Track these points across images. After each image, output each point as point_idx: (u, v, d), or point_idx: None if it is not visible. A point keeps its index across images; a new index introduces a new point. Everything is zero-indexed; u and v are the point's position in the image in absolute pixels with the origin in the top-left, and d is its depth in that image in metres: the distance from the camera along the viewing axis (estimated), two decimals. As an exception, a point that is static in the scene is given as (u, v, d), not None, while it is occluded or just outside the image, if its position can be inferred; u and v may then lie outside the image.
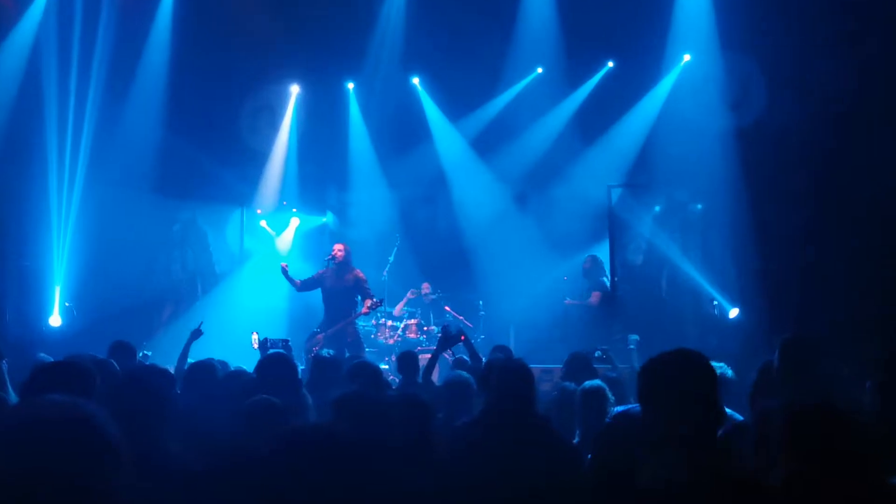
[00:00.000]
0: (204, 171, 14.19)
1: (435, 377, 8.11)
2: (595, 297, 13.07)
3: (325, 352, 7.25)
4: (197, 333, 8.26)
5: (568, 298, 13.53)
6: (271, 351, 7.87)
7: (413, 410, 4.40)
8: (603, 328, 12.68)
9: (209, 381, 5.89)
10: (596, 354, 10.06)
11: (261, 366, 5.59)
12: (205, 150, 14.06)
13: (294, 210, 15.78)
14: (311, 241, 15.75)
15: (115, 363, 6.22)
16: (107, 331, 11.70)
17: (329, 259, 11.76)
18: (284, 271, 11.69)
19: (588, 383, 5.92)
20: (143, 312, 13.74)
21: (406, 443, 4.18)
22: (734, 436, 4.27)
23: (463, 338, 8.02)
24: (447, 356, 13.16)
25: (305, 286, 11.84)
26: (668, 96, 14.11)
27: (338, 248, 11.80)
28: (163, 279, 14.56)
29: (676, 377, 3.04)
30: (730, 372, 6.03)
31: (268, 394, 4.63)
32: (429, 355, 12.94)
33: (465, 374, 6.51)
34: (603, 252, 13.75)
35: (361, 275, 11.75)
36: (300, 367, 6.98)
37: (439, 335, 8.25)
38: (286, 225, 15.82)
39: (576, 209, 14.25)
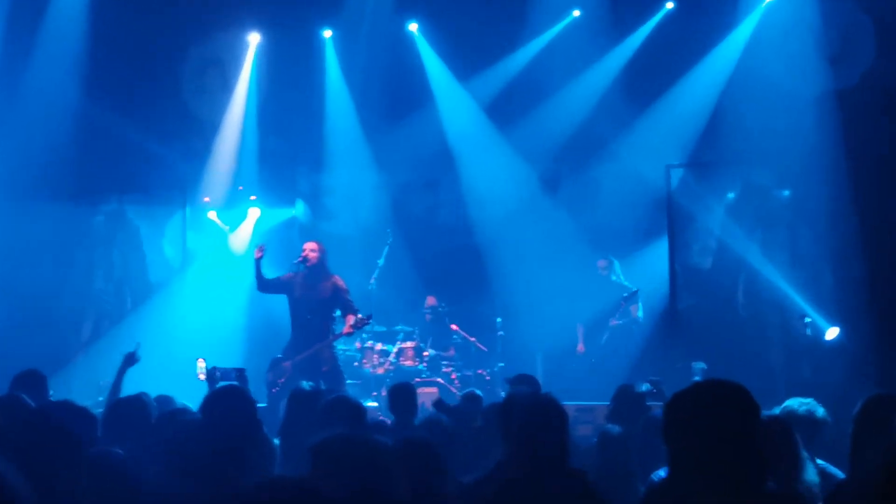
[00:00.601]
0: (134, 149, 14.23)
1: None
2: (633, 309, 13.14)
3: (306, 384, 7.31)
4: (131, 360, 8.28)
5: (614, 318, 13.56)
6: (222, 383, 7.99)
7: (419, 460, 4.38)
8: (658, 353, 12.78)
9: (139, 423, 5.89)
10: (643, 388, 10.06)
11: (208, 403, 5.57)
12: (135, 121, 14.10)
13: (253, 198, 15.83)
14: (275, 239, 15.42)
15: (24, 397, 6.22)
16: (9, 357, 11.70)
17: (298, 262, 11.73)
18: (258, 260, 11.68)
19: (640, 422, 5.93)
20: (56, 332, 13.78)
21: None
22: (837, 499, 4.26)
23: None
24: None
25: (269, 286, 11.87)
26: (746, 48, 14.10)
27: (310, 248, 11.71)
28: (81, 288, 14.58)
29: (703, 414, 3.10)
30: (821, 411, 6.05)
31: (219, 437, 4.62)
32: (431, 389, 13.27)
33: (443, 417, 6.55)
34: (659, 252, 13.76)
35: (342, 282, 11.70)
36: (259, 405, 6.98)
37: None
38: (242, 218, 15.89)
39: (624, 197, 14.34)
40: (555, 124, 14.88)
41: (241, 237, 15.83)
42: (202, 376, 8.65)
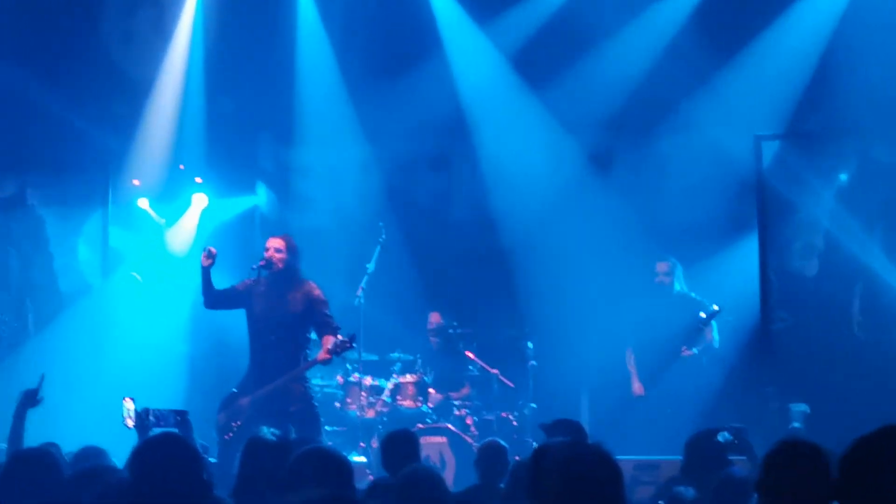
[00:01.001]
0: (39, 116, 14.23)
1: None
2: (707, 332, 13.36)
3: (268, 431, 7.29)
4: (32, 399, 8.28)
5: (686, 347, 13.53)
6: (156, 430, 7.99)
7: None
8: (743, 391, 12.83)
9: (45, 484, 5.88)
10: (720, 438, 10.04)
11: (137, 457, 5.56)
12: (40, 78, 14.06)
13: (198, 181, 15.85)
14: (229, 236, 15.65)
15: None
16: None
17: (260, 266, 11.70)
18: (207, 267, 11.66)
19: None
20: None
21: None
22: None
23: None
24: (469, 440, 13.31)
25: (221, 299, 11.89)
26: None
27: (275, 247, 11.73)
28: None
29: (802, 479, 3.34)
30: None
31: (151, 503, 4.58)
32: (439, 439, 13.24)
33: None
34: (746, 254, 13.82)
35: (318, 292, 11.72)
36: (210, 460, 6.98)
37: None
38: (185, 207, 15.91)
39: (698, 179, 14.34)
40: (606, 82, 14.89)
41: (183, 233, 15.85)
42: (130, 422, 8.55)
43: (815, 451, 4.70)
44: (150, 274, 15.22)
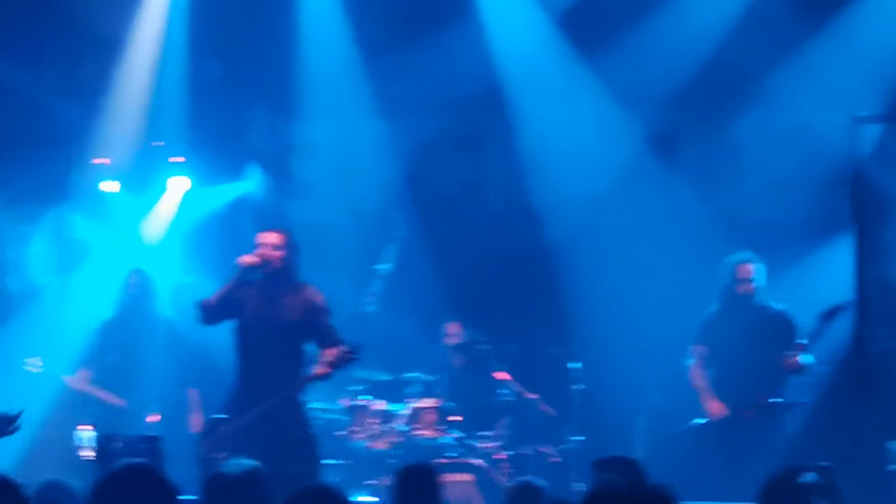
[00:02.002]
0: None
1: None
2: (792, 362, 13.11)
3: (234, 465, 7.12)
4: (5, 425, 8.43)
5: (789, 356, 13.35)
6: (121, 462, 7.73)
7: None
8: (834, 424, 12.81)
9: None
10: (804, 480, 10.02)
11: (100, 492, 5.62)
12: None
13: (178, 160, 15.94)
14: (215, 227, 15.93)
15: None
16: None
17: (251, 265, 11.70)
18: (246, 269, 11.65)
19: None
20: None
21: None
22: None
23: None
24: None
25: (222, 311, 11.83)
26: None
27: (270, 242, 11.77)
28: None
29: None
30: None
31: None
32: (464, 476, 13.22)
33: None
34: (839, 258, 13.68)
35: (319, 299, 11.76)
36: (188, 499, 6.99)
37: None
38: (160, 192, 16.01)
39: (783, 166, 14.50)
40: (673, 49, 15.02)
41: (159, 223, 15.95)
42: (87, 453, 8.63)
43: None
44: (117, 270, 14.99)
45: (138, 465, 5.99)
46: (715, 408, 13.41)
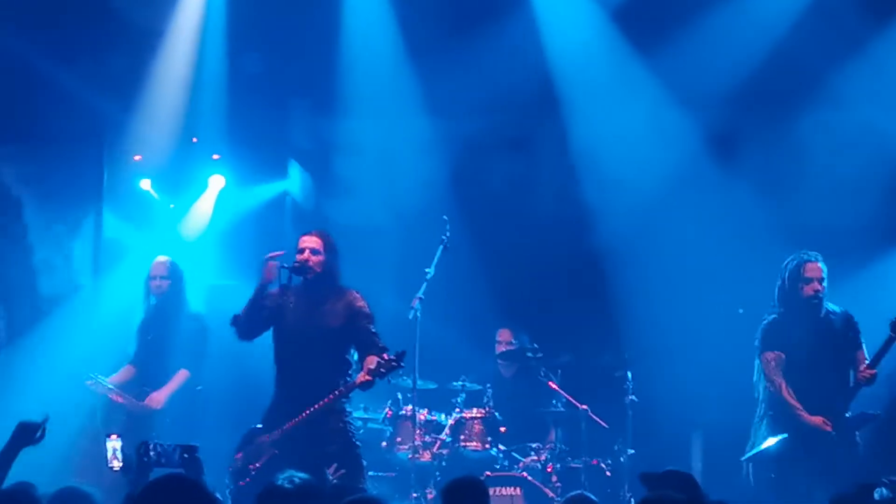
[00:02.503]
0: (21, 73, 14.39)
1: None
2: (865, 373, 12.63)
3: (285, 478, 7.17)
4: (30, 434, 8.21)
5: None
6: (157, 471, 7.85)
7: None
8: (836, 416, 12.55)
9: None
10: (877, 496, 9.74)
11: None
12: (20, 26, 14.22)
13: (216, 158, 15.97)
14: (253, 227, 15.91)
15: None
16: None
17: (292, 269, 11.60)
18: (267, 284, 11.54)
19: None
20: None
21: None
22: None
23: None
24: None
25: (256, 322, 11.74)
26: None
27: (311, 246, 11.65)
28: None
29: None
30: None
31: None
32: (511, 490, 12.93)
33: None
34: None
35: (362, 304, 11.62)
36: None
37: None
38: (200, 190, 16.02)
39: (849, 168, 14.25)
40: (733, 46, 14.92)
41: (194, 222, 15.98)
42: (116, 464, 8.51)
43: None
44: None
45: (179, 475, 6.11)
46: (818, 422, 12.55)
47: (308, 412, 11.21)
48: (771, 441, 12.70)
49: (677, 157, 15.20)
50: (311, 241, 11.62)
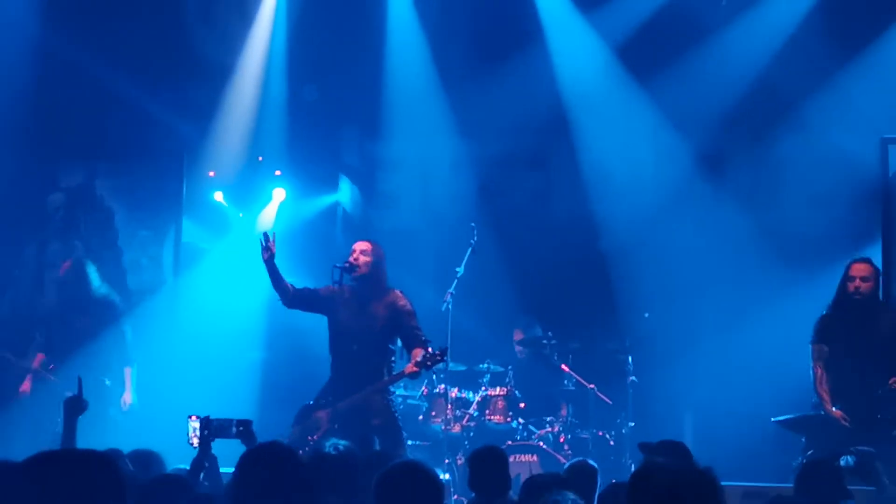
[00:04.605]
0: (113, 101, 14.46)
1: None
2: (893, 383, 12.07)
3: (331, 445, 7.28)
4: (77, 406, 8.33)
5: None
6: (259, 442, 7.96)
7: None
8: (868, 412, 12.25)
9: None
10: (843, 463, 9.90)
11: (243, 470, 5.72)
12: (116, 62, 14.28)
13: (277, 173, 16.02)
14: (309, 233, 15.95)
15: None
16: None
17: (343, 268, 11.81)
18: (268, 260, 11.75)
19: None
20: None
21: None
22: None
23: None
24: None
25: (300, 299, 11.98)
26: None
27: (361, 250, 11.84)
28: (28, 298, 14.89)
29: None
30: None
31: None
32: (529, 457, 13.21)
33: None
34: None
35: (404, 301, 11.83)
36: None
37: None
38: (265, 201, 16.08)
39: (819, 184, 14.32)
40: (720, 77, 14.91)
41: (260, 229, 15.76)
42: (196, 440, 8.65)
43: None
44: (224, 271, 15.39)
45: (277, 443, 6.12)
46: (837, 415, 11.79)
47: (361, 393, 11.46)
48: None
49: (672, 173, 15.23)
50: (360, 246, 11.80)
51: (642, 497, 4.72)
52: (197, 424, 8.69)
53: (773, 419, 12.38)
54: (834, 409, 11.78)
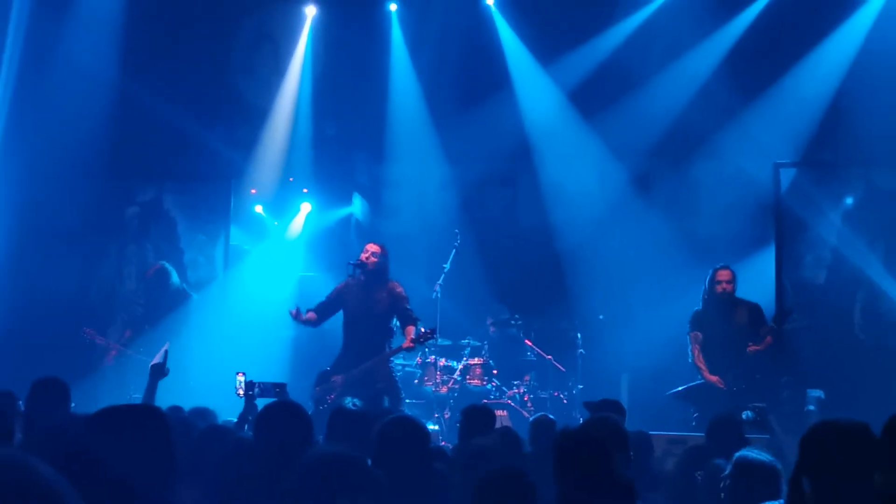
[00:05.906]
0: (175, 133, 14.52)
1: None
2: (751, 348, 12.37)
3: (350, 402, 7.35)
4: (160, 371, 8.30)
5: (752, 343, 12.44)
6: (259, 400, 8.27)
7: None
8: (764, 379, 12.58)
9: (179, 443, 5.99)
10: (744, 416, 9.93)
11: (264, 418, 5.68)
12: (177, 102, 14.35)
13: (305, 191, 16.09)
14: (329, 240, 16.02)
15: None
16: (28, 360, 11.91)
17: (356, 264, 11.87)
18: (297, 317, 11.89)
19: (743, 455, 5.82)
20: (79, 338, 14.00)
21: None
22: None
23: None
24: (523, 412, 13.32)
25: (324, 313, 12.10)
26: (870, 32, 13.85)
27: (372, 251, 11.94)
28: (111, 288, 14.92)
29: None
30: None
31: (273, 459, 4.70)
32: (500, 412, 13.06)
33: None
34: (766, 264, 13.69)
35: (400, 289, 11.93)
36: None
37: None
38: (294, 212, 16.17)
39: (726, 199, 14.31)
40: (649, 115, 14.85)
41: (292, 234, 16.13)
42: (241, 391, 8.75)
43: (862, 428, 4.12)
44: (262, 268, 15.44)
45: (289, 402, 6.11)
46: (715, 380, 12.06)
47: (369, 363, 11.59)
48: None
49: (612, 191, 15.19)
50: (371, 247, 11.93)
51: (571, 449, 5.18)
52: (242, 378, 8.83)
53: (666, 393, 12.54)
54: (711, 376, 12.09)
